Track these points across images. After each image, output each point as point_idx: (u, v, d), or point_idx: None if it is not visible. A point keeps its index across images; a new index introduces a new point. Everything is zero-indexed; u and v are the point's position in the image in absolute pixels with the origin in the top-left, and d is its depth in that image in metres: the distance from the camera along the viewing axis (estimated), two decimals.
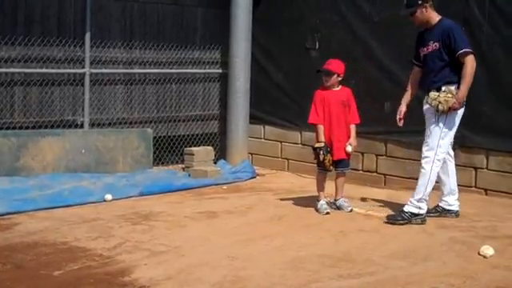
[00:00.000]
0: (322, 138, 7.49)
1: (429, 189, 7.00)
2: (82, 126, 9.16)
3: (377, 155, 9.32)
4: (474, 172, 8.34)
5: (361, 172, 9.37)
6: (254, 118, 10.35)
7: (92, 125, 9.26)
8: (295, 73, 10.02)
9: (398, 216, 7.02)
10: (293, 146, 10.17)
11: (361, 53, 9.31)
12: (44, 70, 8.80)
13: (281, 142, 10.33)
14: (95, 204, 7.76)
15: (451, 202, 7.30)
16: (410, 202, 7.03)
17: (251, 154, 10.47)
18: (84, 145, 8.90)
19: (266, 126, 10.47)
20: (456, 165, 8.55)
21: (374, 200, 8.21)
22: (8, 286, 5.09)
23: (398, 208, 7.76)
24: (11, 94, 8.63)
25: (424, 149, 7.03)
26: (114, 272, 5.44)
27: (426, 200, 7.02)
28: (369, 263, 5.78)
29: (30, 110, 8.78)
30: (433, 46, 6.97)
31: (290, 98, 10.10)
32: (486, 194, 8.04)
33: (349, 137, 7.58)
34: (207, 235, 6.59)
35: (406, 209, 7.03)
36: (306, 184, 8.92)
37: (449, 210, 7.30)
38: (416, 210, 6.99)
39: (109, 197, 7.95)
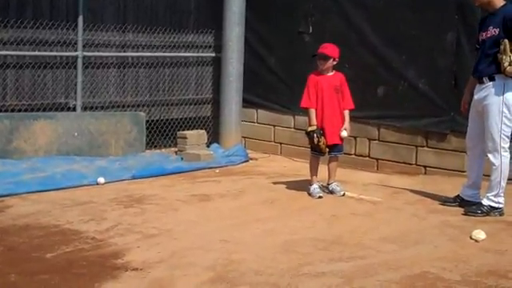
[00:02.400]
0: (314, 121, 7.50)
1: (503, 183, 6.80)
2: (74, 109, 9.14)
3: (369, 139, 9.33)
4: (465, 157, 8.34)
5: (353, 156, 9.38)
6: (247, 102, 10.34)
7: (84, 108, 9.24)
8: (288, 57, 10.01)
9: (478, 209, 6.83)
10: (286, 129, 10.17)
11: (354, 37, 9.30)
12: (36, 53, 8.76)
13: (274, 125, 10.33)
14: (88, 187, 7.75)
15: (469, 193, 7.16)
16: (488, 197, 6.86)
17: (244, 138, 10.47)
18: (76, 128, 8.88)
19: (259, 110, 10.47)
20: (447, 150, 8.64)
21: (366, 184, 8.22)
22: (0, 268, 5.09)
23: (389, 192, 7.82)
24: (3, 76, 8.59)
25: (488, 143, 6.82)
26: (106, 255, 5.44)
27: (502, 194, 6.83)
28: (360, 247, 5.80)
29: (22, 93, 8.75)
30: (492, 31, 6.73)
31: (283, 82, 10.10)
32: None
33: (342, 122, 7.58)
34: (199, 218, 6.60)
35: (484, 202, 6.85)
36: (299, 168, 8.93)
37: (468, 201, 7.11)
38: (495, 204, 6.83)
39: (101, 180, 7.94)
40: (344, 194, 7.62)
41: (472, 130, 7.08)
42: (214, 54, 10.50)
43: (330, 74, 7.62)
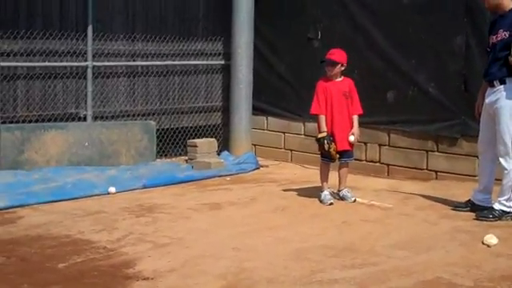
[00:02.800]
0: (324, 127, 7.49)
1: None
2: (85, 119, 9.16)
3: (380, 145, 9.31)
4: (477, 161, 8.30)
5: (364, 162, 9.36)
6: (256, 110, 10.34)
7: (95, 118, 9.26)
8: (298, 63, 10.01)
9: (489, 213, 6.80)
10: (296, 136, 10.16)
11: (363, 42, 9.29)
12: (46, 64, 8.79)
13: (284, 133, 10.32)
14: (99, 197, 7.77)
15: (481, 197, 7.11)
16: (499, 201, 6.83)
17: (254, 146, 10.46)
18: (87, 138, 8.89)
19: (269, 117, 10.46)
20: (459, 154, 8.61)
21: (377, 190, 8.20)
22: (12, 278, 5.11)
23: (401, 198, 7.80)
24: (14, 87, 8.63)
25: (500, 147, 6.77)
26: (117, 264, 5.45)
27: None
28: (372, 253, 5.79)
29: (32, 104, 8.78)
30: (502, 34, 6.69)
31: (293, 88, 10.09)
32: None
33: (352, 128, 7.57)
34: (211, 227, 6.60)
35: (496, 207, 6.82)
36: (310, 175, 8.91)
37: (479, 206, 7.06)
38: (507, 209, 6.79)
39: (112, 189, 7.96)
40: (355, 201, 7.60)
41: (484, 135, 7.05)
42: (223, 62, 10.51)
43: (339, 79, 7.62)
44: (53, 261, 5.51)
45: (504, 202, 6.81)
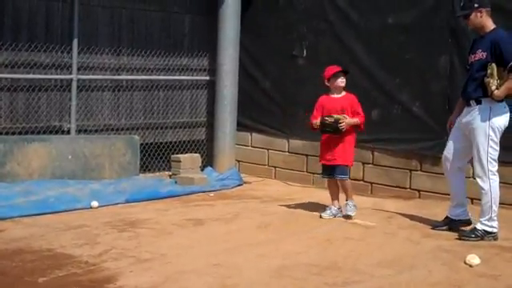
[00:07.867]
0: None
1: (494, 207, 6.79)
2: (68, 132, 9.12)
3: (363, 163, 9.33)
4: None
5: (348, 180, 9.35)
6: (241, 126, 10.35)
7: (79, 131, 9.23)
8: (282, 80, 10.03)
9: (472, 233, 6.83)
10: (280, 153, 10.17)
11: (348, 61, 9.31)
12: (31, 76, 8.76)
13: (268, 149, 10.32)
14: (81, 211, 7.73)
15: (458, 211, 7.17)
16: (481, 221, 6.84)
17: (238, 162, 10.46)
18: (71, 151, 8.86)
19: (253, 134, 10.47)
20: (442, 174, 8.59)
21: (360, 208, 8.20)
22: None
23: (384, 217, 7.81)
24: None
25: (476, 167, 6.81)
26: (99, 279, 5.41)
27: (496, 218, 6.83)
28: (355, 271, 5.78)
29: (16, 116, 8.74)
30: (480, 54, 6.75)
31: (278, 105, 10.11)
32: (472, 203, 8.04)
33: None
34: (193, 243, 6.57)
35: (479, 227, 6.84)
36: (293, 192, 8.92)
37: (459, 220, 7.15)
38: (489, 229, 6.81)
39: (95, 204, 7.92)
40: (349, 217, 7.62)
41: (450, 147, 7.09)
42: (208, 77, 10.52)
43: (338, 95, 7.67)
44: (33, 275, 5.46)
45: (486, 222, 6.84)
